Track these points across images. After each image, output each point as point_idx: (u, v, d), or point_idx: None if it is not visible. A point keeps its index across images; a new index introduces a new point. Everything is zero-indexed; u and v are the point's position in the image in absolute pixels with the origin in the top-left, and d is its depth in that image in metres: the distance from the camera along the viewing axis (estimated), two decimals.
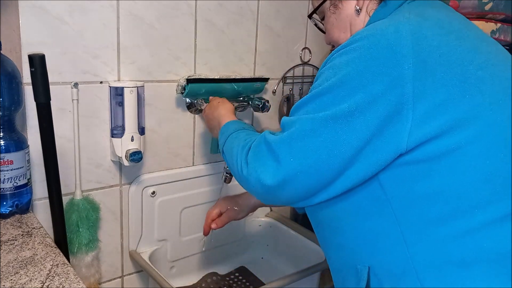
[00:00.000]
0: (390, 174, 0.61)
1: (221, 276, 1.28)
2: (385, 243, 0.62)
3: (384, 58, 0.58)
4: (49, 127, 0.83)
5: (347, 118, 0.59)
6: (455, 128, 0.57)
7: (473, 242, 0.57)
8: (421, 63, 0.57)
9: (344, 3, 0.75)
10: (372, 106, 0.58)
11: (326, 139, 0.60)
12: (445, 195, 0.58)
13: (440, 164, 0.57)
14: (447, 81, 0.57)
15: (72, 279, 0.64)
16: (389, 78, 0.57)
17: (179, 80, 1.10)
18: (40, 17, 0.88)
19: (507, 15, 1.01)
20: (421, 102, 0.56)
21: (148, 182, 1.11)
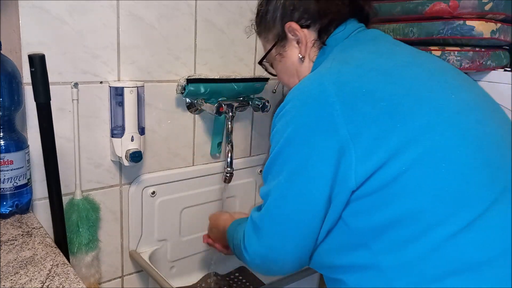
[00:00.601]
0: (349, 211, 0.64)
1: (221, 276, 1.28)
2: (366, 273, 0.64)
3: (315, 112, 0.63)
4: (49, 127, 0.83)
5: (305, 176, 0.64)
6: (394, 157, 0.59)
7: (440, 257, 0.58)
8: (348, 107, 0.61)
9: (288, 52, 0.81)
10: (321, 158, 0.62)
11: (294, 201, 0.65)
12: (403, 219, 0.60)
13: (389, 192, 0.60)
14: (376, 116, 0.60)
15: (72, 279, 0.64)
16: (325, 128, 0.62)
17: (179, 80, 1.10)
18: (40, 17, 0.88)
19: (507, 15, 1.01)
20: (359, 141, 0.60)
21: (148, 182, 1.11)
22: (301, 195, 0.65)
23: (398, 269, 0.61)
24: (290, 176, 0.66)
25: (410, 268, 0.60)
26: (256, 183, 1.36)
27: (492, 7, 0.97)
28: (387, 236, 0.61)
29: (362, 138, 0.60)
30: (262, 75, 1.27)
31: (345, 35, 0.75)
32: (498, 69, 1.07)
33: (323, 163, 0.62)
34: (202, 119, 1.20)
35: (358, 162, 0.60)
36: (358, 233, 0.64)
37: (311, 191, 0.64)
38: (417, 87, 0.64)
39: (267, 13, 0.81)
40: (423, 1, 1.03)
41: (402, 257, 0.60)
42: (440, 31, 1.02)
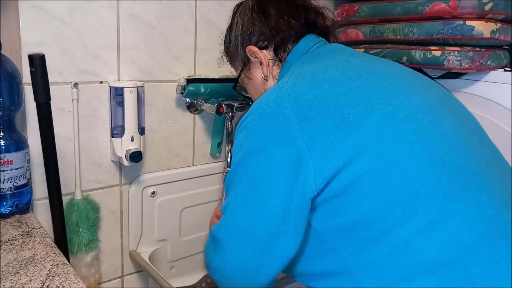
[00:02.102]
0: (314, 215, 0.66)
1: None
2: (337, 277, 0.66)
3: (272, 124, 0.65)
4: (49, 127, 0.83)
5: (265, 186, 0.65)
6: (349, 163, 0.61)
7: (405, 258, 0.60)
8: (303, 118, 0.63)
9: (254, 74, 0.85)
10: (279, 167, 0.63)
11: (251, 214, 0.65)
12: (364, 221, 0.61)
13: (347, 196, 0.62)
14: (329, 126, 0.63)
15: (72, 279, 0.64)
16: (282, 139, 0.64)
17: (179, 80, 1.10)
18: (40, 17, 0.88)
19: (507, 15, 1.01)
20: (315, 150, 0.62)
21: (148, 182, 1.11)
22: (260, 205, 0.65)
23: (367, 271, 0.62)
24: (249, 186, 0.66)
25: (378, 269, 0.61)
26: None
27: (492, 7, 0.97)
28: (351, 239, 0.63)
29: (318, 147, 0.62)
30: None
31: (304, 51, 0.79)
32: (498, 69, 1.07)
33: (282, 173, 0.63)
34: (202, 119, 1.20)
35: (316, 170, 0.62)
36: (325, 237, 0.65)
37: (270, 201, 0.64)
38: (369, 96, 0.66)
39: (230, 42, 0.88)
40: (423, 1, 1.03)
41: (368, 258, 0.62)
42: (440, 31, 1.02)
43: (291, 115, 0.64)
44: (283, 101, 0.66)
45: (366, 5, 1.20)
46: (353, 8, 1.27)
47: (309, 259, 0.69)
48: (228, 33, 0.90)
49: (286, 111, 0.65)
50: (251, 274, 0.68)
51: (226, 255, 0.68)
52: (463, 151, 0.65)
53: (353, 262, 0.63)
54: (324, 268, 0.67)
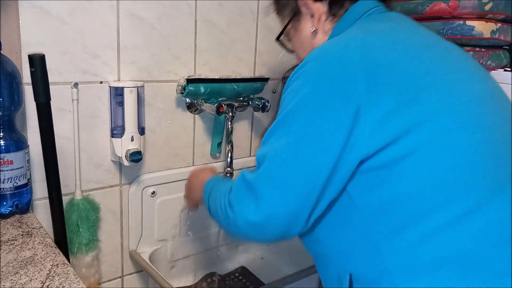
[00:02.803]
0: (355, 183, 0.63)
1: (221, 276, 1.28)
2: (360, 251, 0.64)
3: (336, 74, 0.61)
4: (49, 127, 0.83)
5: (315, 139, 0.61)
6: (408, 133, 0.59)
7: (438, 243, 0.59)
8: (371, 75, 0.60)
9: (302, 26, 0.80)
10: (335, 122, 0.60)
11: (300, 165, 0.62)
12: (405, 199, 0.60)
13: (396, 169, 0.60)
14: (396, 89, 0.60)
15: (72, 279, 0.64)
16: (344, 92, 0.60)
17: (179, 80, 1.10)
18: (40, 17, 0.88)
19: (507, 15, 1.01)
20: (376, 110, 0.59)
21: (148, 182, 1.11)
22: (309, 158, 0.61)
23: (395, 251, 0.61)
24: (299, 137, 0.62)
25: (406, 250, 0.60)
26: None
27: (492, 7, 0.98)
28: (387, 215, 0.61)
29: (379, 108, 0.59)
30: (262, 75, 1.27)
31: (364, 10, 0.74)
32: (498, 69, 1.07)
33: (336, 128, 0.60)
34: (202, 119, 1.20)
35: (372, 131, 0.59)
36: (361, 208, 0.63)
37: (320, 155, 0.61)
38: (438, 69, 0.64)
39: None
40: (423, 1, 1.03)
41: (399, 238, 0.60)
42: (440, 31, 1.02)
43: (358, 68, 0.60)
44: (352, 52, 0.62)
45: None
46: None
47: (334, 227, 0.67)
48: None
49: (354, 63, 0.61)
50: (286, 226, 0.64)
51: (264, 206, 0.63)
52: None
53: (382, 239, 0.61)
54: (349, 238, 0.65)
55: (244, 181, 0.67)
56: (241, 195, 0.67)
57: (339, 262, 0.69)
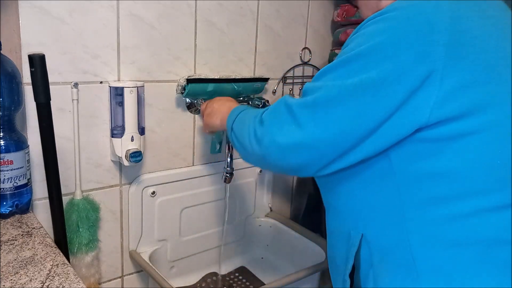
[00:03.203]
0: (401, 151, 0.62)
1: (221, 276, 1.28)
2: (383, 215, 0.64)
3: (420, 31, 0.58)
4: (49, 127, 0.83)
5: (375, 88, 0.59)
6: (474, 112, 0.58)
7: (469, 225, 0.59)
8: (455, 42, 0.57)
9: None
10: (401, 78, 0.58)
11: (351, 109, 0.60)
12: (451, 176, 0.59)
13: (452, 145, 0.59)
14: (476, 64, 0.58)
15: (72, 279, 0.64)
16: (422, 52, 0.57)
17: (179, 80, 1.10)
18: (40, 17, 0.88)
19: None
20: (448, 80, 0.57)
21: (148, 182, 1.11)
22: (362, 103, 0.59)
23: (421, 222, 0.61)
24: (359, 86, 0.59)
25: (433, 226, 0.60)
26: (256, 183, 1.36)
27: None
28: (424, 187, 0.60)
29: (453, 80, 0.57)
30: (262, 75, 1.27)
31: None
32: None
33: (401, 83, 0.58)
34: (202, 119, 1.20)
35: (438, 102, 0.57)
36: (398, 175, 0.62)
37: (373, 108, 0.59)
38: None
39: None
40: None
41: (431, 213, 0.60)
42: None
43: (444, 32, 0.57)
44: (443, 13, 0.59)
45: None
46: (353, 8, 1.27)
47: (361, 186, 0.67)
48: None
49: (442, 25, 0.58)
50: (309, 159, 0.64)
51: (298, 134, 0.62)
52: None
53: (411, 210, 0.61)
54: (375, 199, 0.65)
55: (285, 104, 0.66)
56: (277, 115, 0.66)
57: (354, 220, 0.69)
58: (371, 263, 0.67)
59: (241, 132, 0.75)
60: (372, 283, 0.67)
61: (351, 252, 0.69)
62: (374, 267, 0.67)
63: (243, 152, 0.75)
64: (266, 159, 0.68)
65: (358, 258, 0.69)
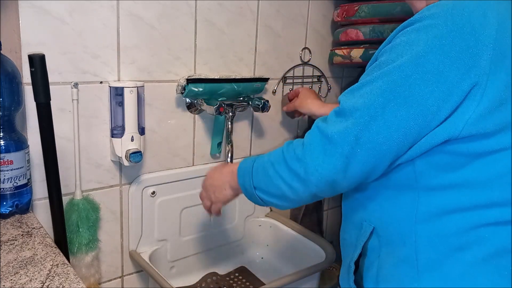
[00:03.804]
0: (427, 160, 0.62)
1: (221, 276, 1.28)
2: (398, 213, 0.66)
3: (465, 44, 0.56)
4: (49, 127, 0.83)
5: (419, 104, 0.57)
6: (505, 130, 0.58)
7: (478, 234, 0.60)
8: (499, 55, 0.56)
9: None
10: (446, 93, 0.57)
11: (396, 129, 0.59)
12: (470, 187, 0.60)
13: (478, 161, 0.59)
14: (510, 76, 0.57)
15: (72, 279, 0.64)
16: (467, 66, 0.56)
17: (179, 80, 1.10)
18: (40, 17, 0.88)
19: None
20: (488, 95, 0.56)
21: (148, 182, 1.11)
22: (406, 126, 0.58)
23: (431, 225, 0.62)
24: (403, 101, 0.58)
25: (442, 231, 0.62)
26: None
27: None
28: (442, 197, 0.62)
29: (491, 94, 0.56)
30: (262, 75, 1.27)
31: None
32: None
33: (446, 102, 0.56)
34: (202, 119, 1.20)
35: (473, 116, 0.56)
36: (421, 183, 0.63)
37: (418, 125, 0.58)
38: None
39: None
40: None
41: (443, 219, 0.62)
42: None
43: (490, 45, 0.55)
44: (491, 25, 0.56)
45: (366, 5, 1.19)
46: (353, 8, 1.27)
47: (382, 184, 0.68)
48: None
49: (488, 38, 0.55)
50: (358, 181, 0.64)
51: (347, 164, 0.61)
52: None
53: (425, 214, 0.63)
54: (394, 197, 0.66)
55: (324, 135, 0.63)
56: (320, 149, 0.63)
57: (368, 213, 0.70)
58: (378, 254, 0.69)
59: (272, 184, 0.69)
60: (375, 272, 0.69)
61: (360, 241, 0.71)
62: (380, 259, 0.69)
63: (282, 204, 0.71)
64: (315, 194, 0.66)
65: (366, 247, 0.71)
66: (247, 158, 0.79)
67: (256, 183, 0.73)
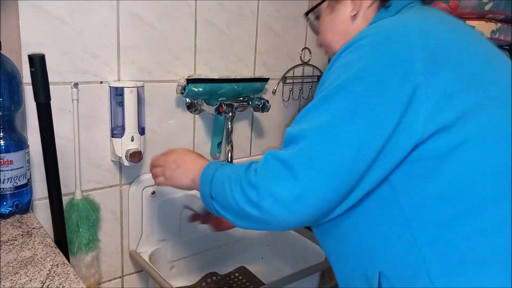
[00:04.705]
0: (401, 174, 0.60)
1: (221, 276, 1.28)
2: (395, 247, 0.61)
3: (396, 51, 0.59)
4: (49, 127, 0.83)
5: (368, 117, 0.58)
6: (462, 120, 0.58)
7: (487, 240, 0.57)
8: (431, 56, 0.59)
9: (341, 7, 0.75)
10: (390, 101, 0.57)
11: (348, 144, 0.58)
12: (456, 193, 0.58)
13: (448, 160, 0.58)
14: (455, 73, 0.59)
15: (72, 279, 0.64)
16: (402, 71, 0.58)
17: (179, 80, 1.10)
18: (40, 17, 0.88)
19: (507, 15, 1.01)
20: (433, 93, 0.57)
21: (148, 182, 1.11)
22: (357, 137, 0.57)
23: (434, 245, 0.58)
24: (350, 114, 0.58)
25: (449, 247, 0.58)
26: None
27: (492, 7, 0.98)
28: (431, 210, 0.59)
29: (437, 91, 0.57)
30: (262, 75, 1.28)
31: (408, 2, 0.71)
32: None
33: (391, 106, 0.57)
34: (202, 119, 1.20)
35: (428, 113, 0.57)
36: (402, 201, 0.60)
37: (370, 134, 0.57)
38: (492, 59, 0.64)
39: None
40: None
41: (443, 234, 0.58)
42: None
43: (419, 48, 0.59)
44: (413, 31, 0.60)
45: None
46: None
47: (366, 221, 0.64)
48: None
49: (414, 42, 0.59)
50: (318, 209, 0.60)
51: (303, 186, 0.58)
52: None
53: (423, 234, 0.59)
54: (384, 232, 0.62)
55: (277, 159, 0.61)
56: (274, 174, 0.61)
57: (367, 259, 0.65)
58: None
59: (227, 202, 0.67)
60: None
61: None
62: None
63: (236, 221, 0.67)
64: (270, 222, 0.62)
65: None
66: (211, 164, 0.76)
67: (213, 193, 0.71)
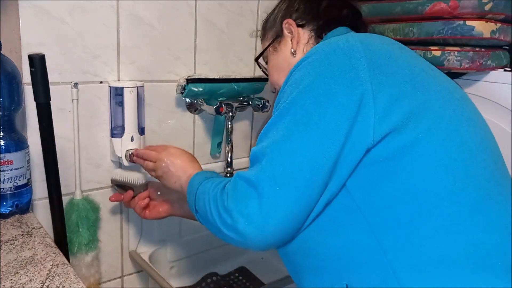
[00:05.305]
0: (357, 179, 0.61)
1: (221, 276, 1.28)
2: (362, 255, 0.61)
3: (341, 62, 0.63)
4: (49, 127, 0.83)
5: (320, 127, 0.60)
6: (411, 121, 0.60)
7: (448, 237, 0.58)
8: (374, 64, 0.62)
9: (282, 47, 0.85)
10: (340, 109, 0.60)
11: (304, 155, 0.60)
12: (412, 193, 0.59)
13: (401, 161, 0.60)
14: (398, 78, 0.62)
15: (72, 279, 0.64)
16: (349, 80, 0.61)
17: (179, 80, 1.10)
18: (40, 17, 0.88)
19: (507, 15, 1.01)
20: (380, 97, 0.60)
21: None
22: (313, 149, 0.60)
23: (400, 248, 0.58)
24: (304, 126, 0.61)
25: (414, 248, 0.58)
26: None
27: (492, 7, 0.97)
28: (391, 212, 0.59)
29: (383, 95, 0.60)
30: (262, 75, 1.27)
31: (342, 32, 0.79)
32: (498, 69, 1.07)
33: (341, 114, 0.60)
34: (202, 119, 1.20)
35: (377, 118, 0.59)
36: (362, 207, 0.60)
37: (325, 142, 0.59)
38: (427, 71, 0.68)
39: (272, 14, 0.90)
40: (423, 1, 1.03)
41: (407, 236, 0.58)
42: (440, 31, 1.02)
43: (362, 58, 0.63)
44: (355, 44, 0.65)
45: (366, 5, 1.19)
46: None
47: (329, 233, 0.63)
48: (273, 9, 0.91)
49: (357, 53, 0.63)
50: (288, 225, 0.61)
51: (269, 205, 0.59)
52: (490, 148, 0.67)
53: (386, 239, 0.59)
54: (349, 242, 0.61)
55: (244, 180, 0.63)
56: (242, 196, 0.62)
57: (333, 273, 0.64)
58: None
59: (208, 221, 0.69)
60: None
61: None
62: None
63: (219, 237, 0.69)
64: (246, 243, 0.63)
65: None
66: (197, 176, 0.77)
67: (197, 207, 0.73)
